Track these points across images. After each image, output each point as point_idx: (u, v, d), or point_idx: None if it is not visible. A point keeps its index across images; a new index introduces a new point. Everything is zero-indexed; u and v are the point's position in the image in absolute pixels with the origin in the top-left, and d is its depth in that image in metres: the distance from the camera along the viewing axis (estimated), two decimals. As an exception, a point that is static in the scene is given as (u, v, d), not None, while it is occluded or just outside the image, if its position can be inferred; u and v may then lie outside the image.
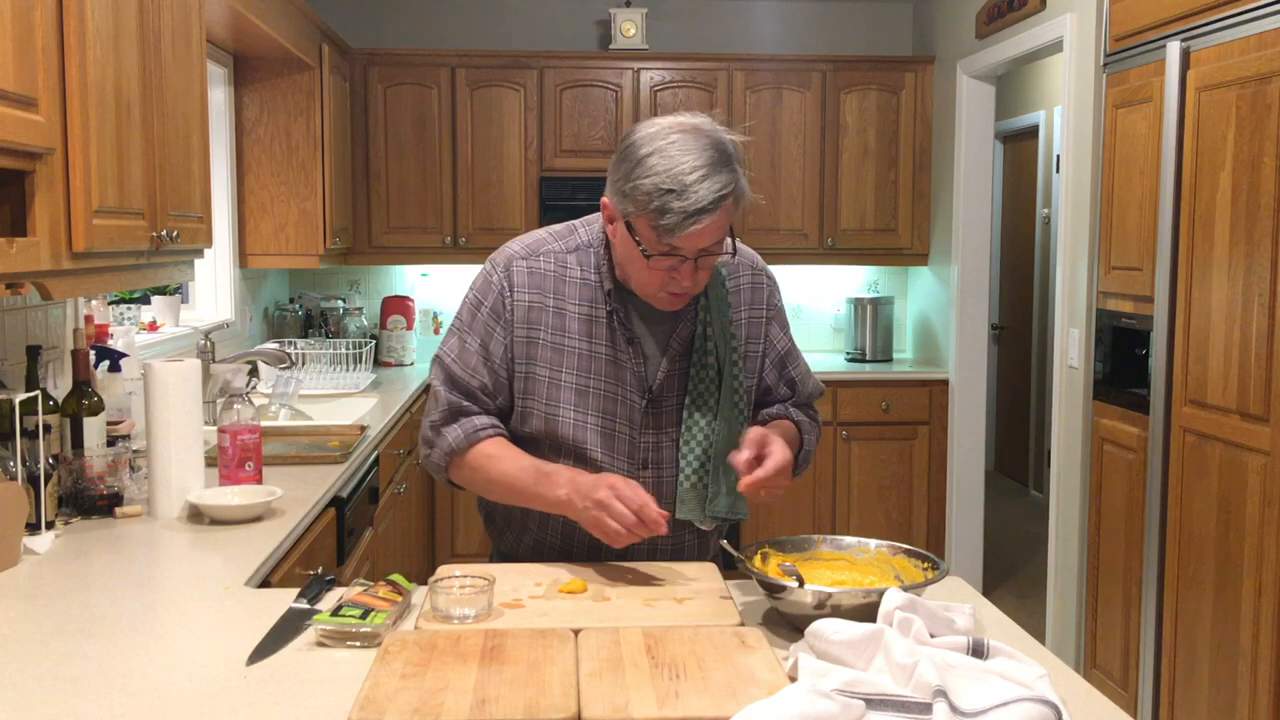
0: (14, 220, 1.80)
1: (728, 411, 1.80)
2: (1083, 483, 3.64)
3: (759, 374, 1.91)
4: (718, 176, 1.60)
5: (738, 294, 1.86)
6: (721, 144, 1.63)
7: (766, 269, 1.94)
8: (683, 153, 1.60)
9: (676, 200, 1.58)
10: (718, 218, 1.61)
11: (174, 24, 2.42)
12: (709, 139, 1.62)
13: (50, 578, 1.84)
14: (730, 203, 1.63)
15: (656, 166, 1.60)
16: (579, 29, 5.38)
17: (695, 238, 1.61)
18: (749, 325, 1.88)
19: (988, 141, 4.91)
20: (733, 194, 1.62)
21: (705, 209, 1.59)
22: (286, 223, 4.22)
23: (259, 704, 1.31)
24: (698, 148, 1.60)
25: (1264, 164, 2.64)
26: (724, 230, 1.66)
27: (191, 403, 2.25)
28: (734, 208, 1.65)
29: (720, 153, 1.62)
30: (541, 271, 1.79)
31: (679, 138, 1.61)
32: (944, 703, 1.20)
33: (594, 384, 1.78)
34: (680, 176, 1.58)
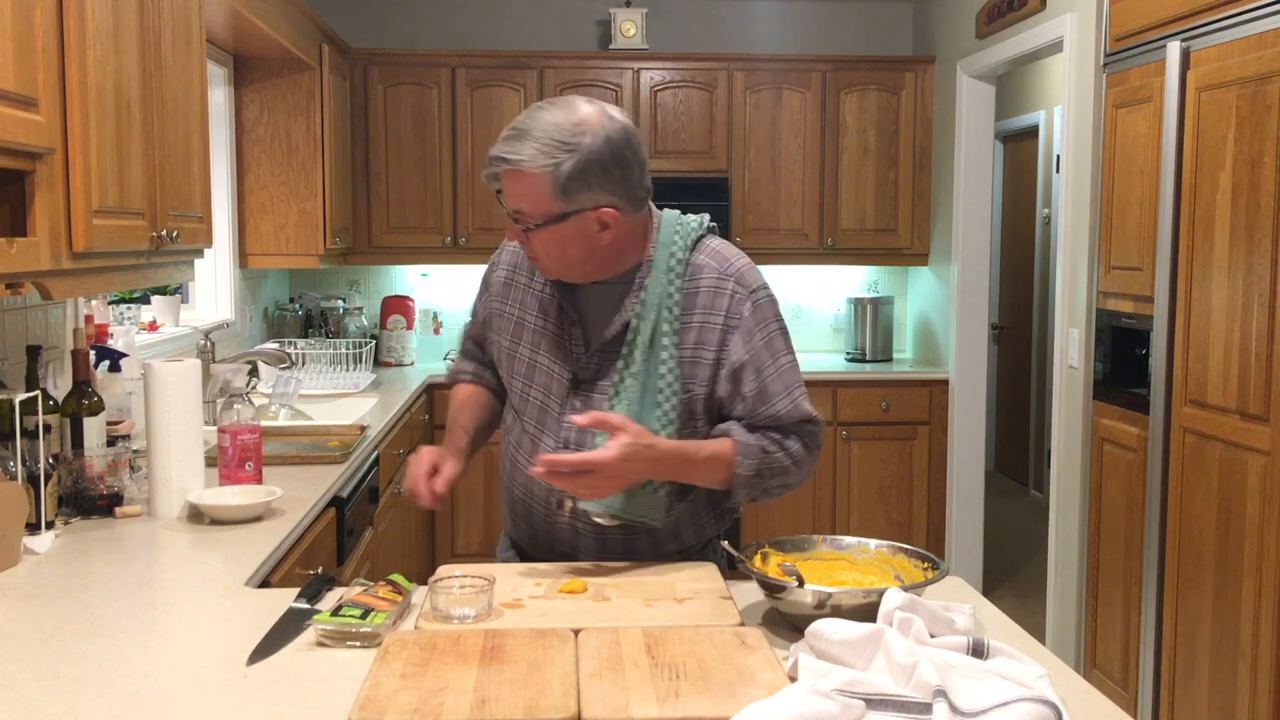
0: (14, 220, 1.80)
1: (646, 412, 1.77)
2: (1083, 483, 3.64)
3: (711, 383, 1.81)
4: (519, 143, 1.67)
5: (694, 296, 1.80)
6: (566, 131, 1.67)
7: (745, 277, 1.82)
8: (529, 115, 1.71)
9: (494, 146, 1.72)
10: (508, 178, 1.69)
11: (174, 24, 2.42)
12: (564, 119, 1.68)
13: (50, 578, 1.84)
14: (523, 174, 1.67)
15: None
16: (579, 29, 5.38)
17: (503, 191, 1.72)
18: (701, 330, 1.79)
19: (988, 141, 4.91)
20: (520, 165, 1.67)
21: (491, 160, 1.70)
22: (286, 223, 4.22)
23: (259, 704, 1.31)
24: (542, 118, 1.69)
25: (1264, 164, 2.64)
26: (524, 200, 1.70)
27: (191, 403, 2.25)
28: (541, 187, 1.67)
29: (552, 134, 1.67)
30: (521, 252, 1.91)
31: (548, 105, 1.72)
32: (944, 703, 1.20)
33: (540, 359, 1.87)
34: (507, 127, 1.72)
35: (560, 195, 1.68)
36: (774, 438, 1.81)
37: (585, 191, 1.70)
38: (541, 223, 1.71)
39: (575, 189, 1.69)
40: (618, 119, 1.74)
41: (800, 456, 1.84)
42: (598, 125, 1.69)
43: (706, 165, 5.09)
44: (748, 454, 1.78)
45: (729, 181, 5.07)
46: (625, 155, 1.73)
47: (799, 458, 1.83)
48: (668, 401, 1.78)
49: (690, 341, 1.79)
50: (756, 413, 1.80)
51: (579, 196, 1.70)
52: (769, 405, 1.81)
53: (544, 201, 1.69)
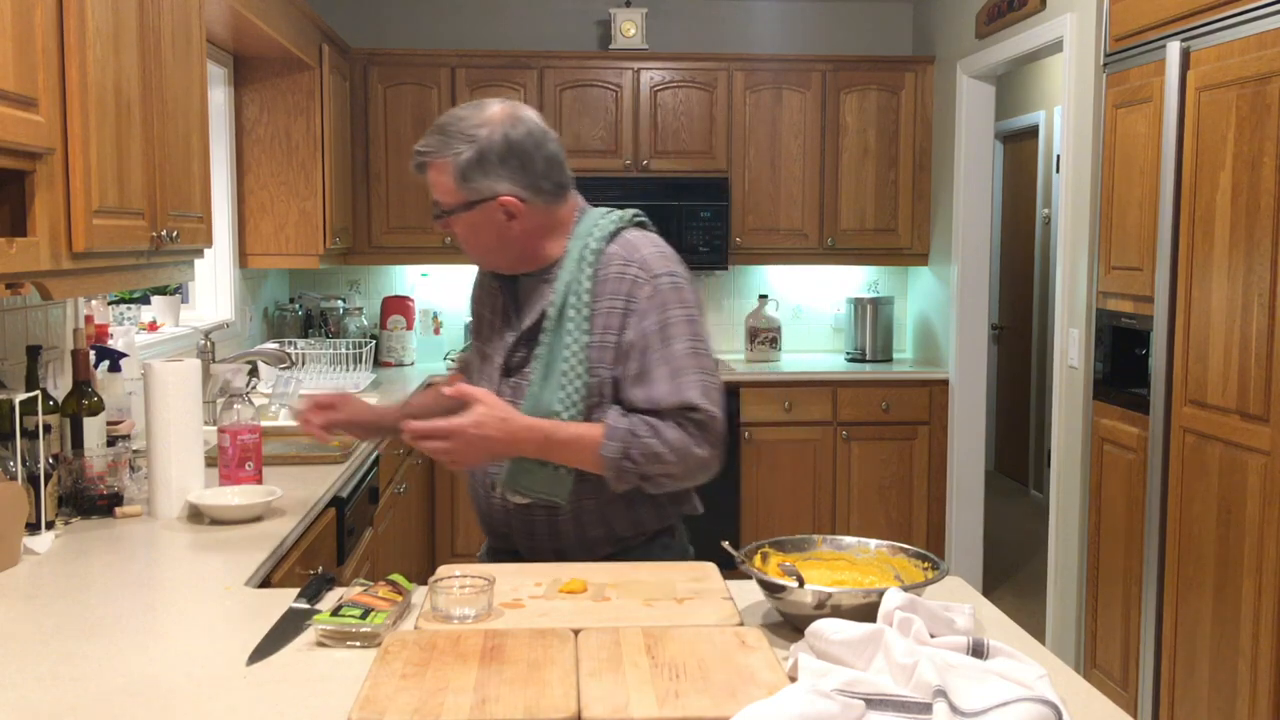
0: (14, 220, 1.80)
1: (549, 393, 1.85)
2: (1083, 483, 3.64)
3: (614, 366, 1.86)
4: (426, 139, 1.86)
5: (604, 283, 1.86)
6: (467, 123, 1.84)
7: (650, 264, 1.87)
8: (444, 116, 1.88)
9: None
10: (426, 171, 1.86)
11: (174, 24, 2.42)
12: (469, 115, 1.85)
13: (50, 578, 1.84)
14: (433, 165, 1.84)
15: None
16: (579, 29, 5.38)
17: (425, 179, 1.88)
18: (607, 315, 1.85)
19: (988, 141, 4.91)
20: (429, 156, 1.85)
21: (413, 155, 1.89)
22: (286, 223, 4.22)
23: (259, 704, 1.31)
24: (449, 116, 1.87)
25: (1264, 164, 2.64)
26: (439, 190, 1.86)
27: (191, 403, 2.25)
28: (447, 175, 1.84)
29: (454, 126, 1.84)
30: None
31: (465, 104, 1.90)
32: (944, 703, 1.20)
33: (487, 349, 2.02)
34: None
35: (462, 183, 1.84)
36: (650, 423, 1.81)
37: (484, 179, 1.84)
38: (451, 210, 1.87)
39: (474, 176, 1.84)
40: (523, 117, 1.87)
41: (678, 444, 1.80)
42: (499, 121, 1.84)
43: (706, 165, 5.09)
44: (613, 436, 1.80)
45: (729, 181, 5.07)
46: (525, 148, 1.85)
47: (676, 445, 1.80)
48: (571, 384, 1.84)
49: (599, 326, 1.86)
50: (635, 393, 1.83)
51: (479, 184, 1.84)
52: (648, 387, 1.82)
53: (450, 190, 1.85)
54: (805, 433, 4.90)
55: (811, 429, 4.90)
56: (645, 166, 5.05)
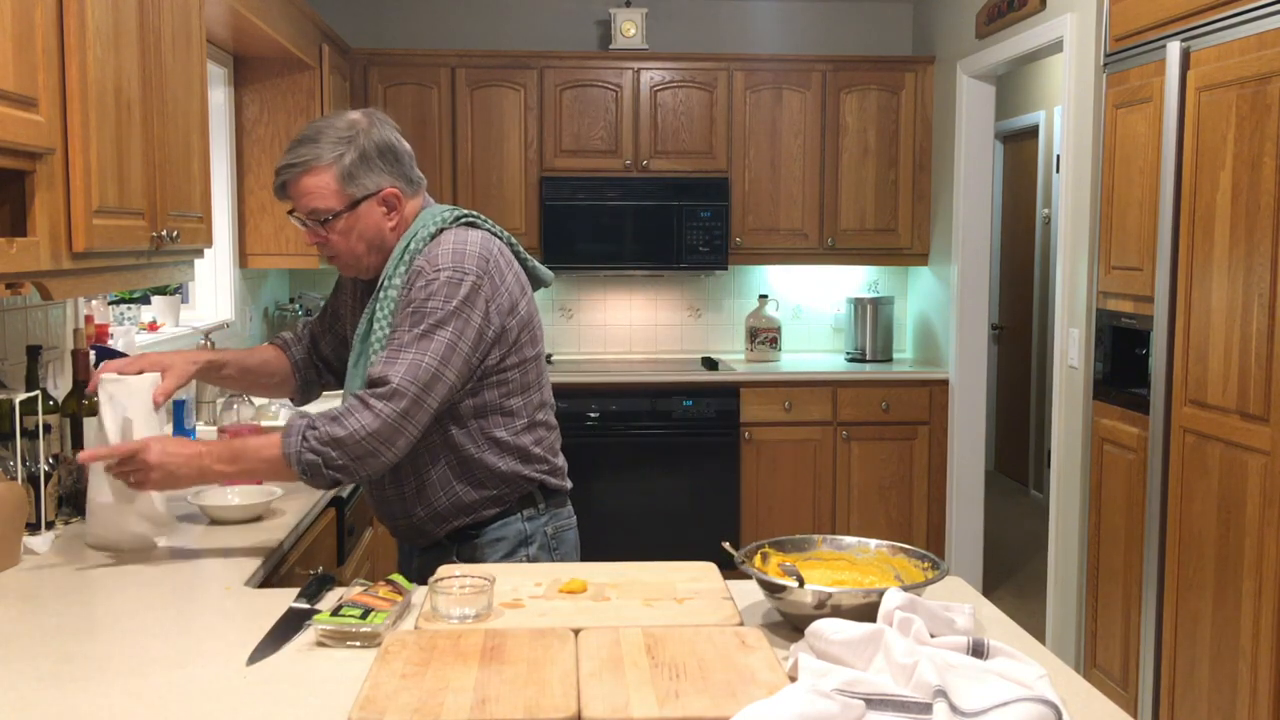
0: (14, 220, 1.80)
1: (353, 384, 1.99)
2: (1083, 483, 3.64)
3: None
4: (297, 148, 1.92)
5: (411, 276, 1.93)
6: (338, 129, 1.92)
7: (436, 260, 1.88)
8: (301, 131, 1.95)
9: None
10: (298, 183, 1.92)
11: (174, 24, 2.42)
12: (328, 121, 1.94)
13: (50, 578, 1.84)
14: (308, 172, 1.91)
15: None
16: (579, 29, 5.38)
17: (292, 201, 1.95)
18: (396, 305, 1.94)
19: (988, 141, 4.91)
20: (303, 164, 1.90)
21: (278, 170, 1.94)
22: (286, 223, 4.21)
23: (259, 704, 1.31)
24: (309, 129, 1.94)
25: (1264, 164, 2.64)
26: (316, 198, 1.92)
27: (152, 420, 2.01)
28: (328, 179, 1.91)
29: (321, 131, 1.92)
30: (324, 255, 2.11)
31: (315, 120, 1.99)
32: (944, 703, 1.20)
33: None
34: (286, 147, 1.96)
35: (348, 183, 1.92)
36: (333, 412, 1.82)
37: (369, 175, 1.93)
38: (336, 213, 1.92)
39: (359, 174, 1.92)
40: (383, 117, 2.00)
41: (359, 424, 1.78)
42: (366, 123, 1.94)
43: (706, 165, 5.09)
44: (289, 432, 1.81)
45: (729, 181, 5.07)
46: (393, 144, 1.98)
47: (355, 425, 1.78)
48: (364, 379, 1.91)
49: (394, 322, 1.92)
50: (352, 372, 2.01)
51: (364, 181, 1.93)
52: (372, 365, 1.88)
53: (333, 195, 1.92)
54: (805, 433, 4.91)
55: (811, 429, 4.90)
56: (645, 166, 5.05)
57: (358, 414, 1.79)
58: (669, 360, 5.32)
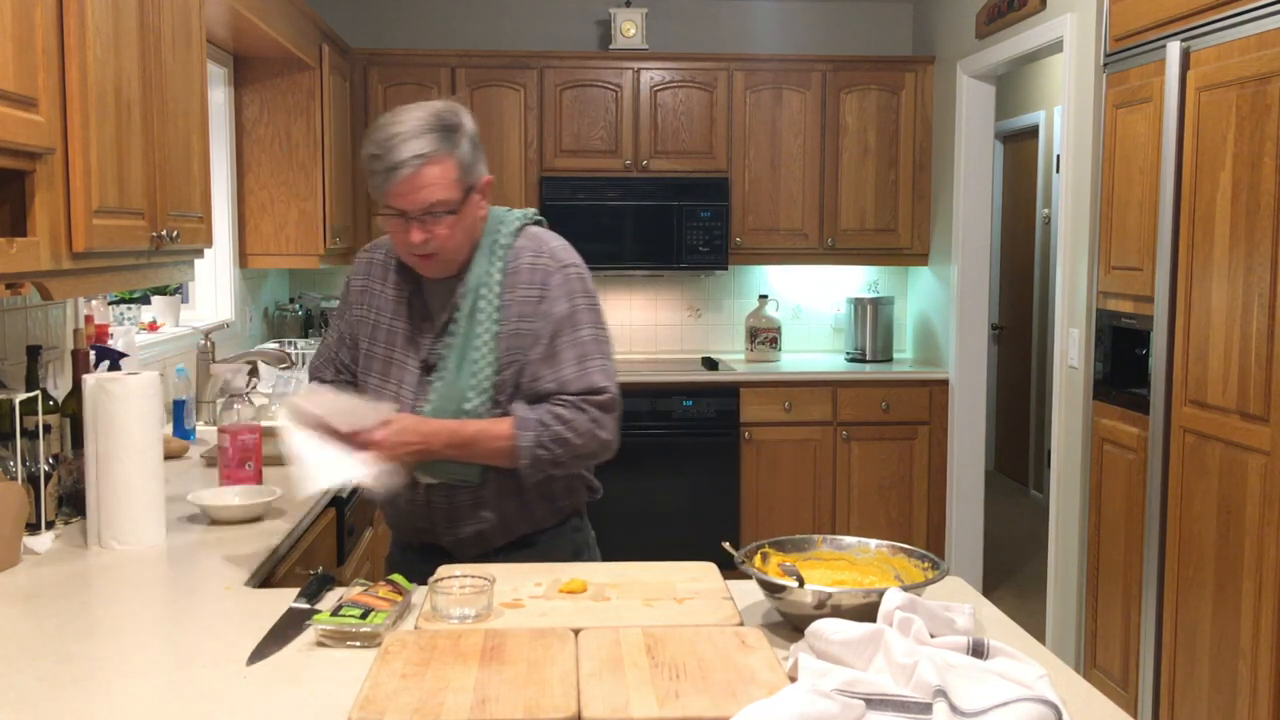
0: (14, 220, 1.80)
1: (455, 380, 1.91)
2: (1083, 483, 3.64)
3: (528, 352, 1.92)
4: (418, 140, 1.81)
5: (515, 274, 1.93)
6: (437, 115, 1.84)
7: (558, 255, 1.96)
8: (394, 123, 1.83)
9: (380, 163, 1.82)
10: (420, 175, 1.81)
11: (174, 24, 2.42)
12: (428, 112, 1.85)
13: (50, 578, 1.84)
14: (436, 163, 1.81)
15: (374, 136, 1.85)
16: (579, 29, 5.38)
17: (404, 196, 1.82)
18: (523, 303, 1.92)
19: (988, 141, 4.91)
20: (433, 155, 1.81)
21: (399, 165, 1.80)
22: (286, 223, 4.22)
23: (259, 704, 1.31)
24: (412, 119, 1.83)
25: (1264, 164, 2.64)
26: (441, 190, 1.83)
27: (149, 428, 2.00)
28: (449, 171, 1.83)
29: (433, 123, 1.83)
30: (373, 260, 2.06)
31: (402, 114, 1.85)
32: (944, 703, 1.20)
33: (394, 355, 1.99)
34: (384, 141, 1.82)
35: (466, 172, 1.87)
36: (554, 412, 1.88)
37: (477, 164, 1.89)
38: (456, 206, 1.86)
39: (471, 163, 1.88)
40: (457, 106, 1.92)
41: (584, 428, 1.89)
42: (458, 109, 1.89)
43: (706, 165, 5.09)
44: (524, 426, 1.87)
45: (729, 181, 5.07)
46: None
47: (581, 428, 1.89)
48: (481, 372, 1.90)
49: (513, 315, 1.92)
50: (542, 376, 1.91)
51: (474, 170, 1.89)
52: (556, 369, 1.90)
53: (454, 185, 1.85)
54: (805, 433, 4.91)
55: (811, 429, 4.90)
56: (645, 166, 5.05)
57: (584, 420, 1.89)
58: (669, 360, 5.32)
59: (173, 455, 2.72)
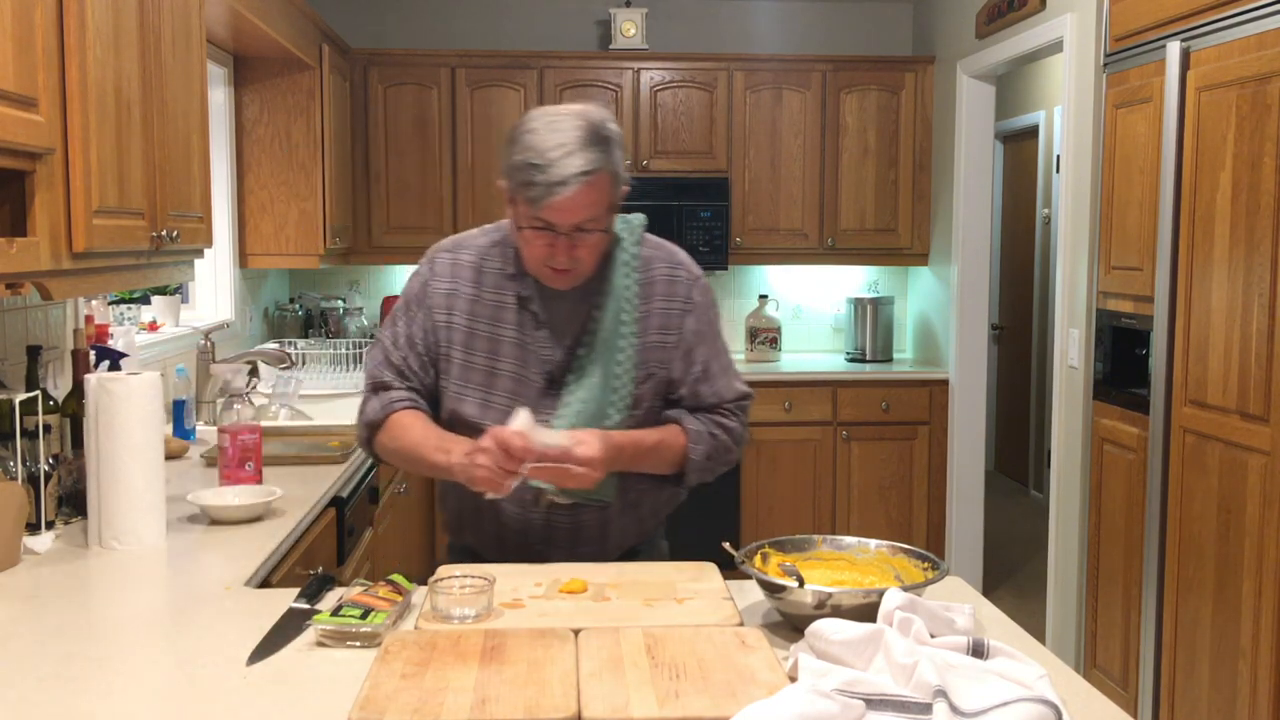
0: (14, 220, 1.80)
1: (598, 393, 1.84)
2: (1083, 483, 3.64)
3: (670, 364, 1.90)
4: (584, 153, 1.69)
5: (650, 285, 1.89)
6: (596, 127, 1.72)
7: (690, 265, 1.95)
8: (555, 131, 1.70)
9: (540, 174, 1.69)
10: (581, 192, 1.69)
11: (174, 24, 2.42)
12: (585, 121, 1.72)
13: (50, 578, 1.84)
14: (594, 181, 1.70)
15: (531, 143, 1.71)
16: (579, 29, 5.38)
17: (561, 211, 1.70)
18: (664, 315, 1.89)
19: (988, 141, 4.91)
20: (596, 172, 1.69)
21: (564, 182, 1.68)
22: (286, 223, 4.22)
23: (259, 704, 1.31)
24: (572, 128, 1.71)
25: (1264, 164, 2.64)
26: (597, 207, 1.73)
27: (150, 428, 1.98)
28: (606, 188, 1.73)
29: (594, 134, 1.71)
30: (461, 262, 1.92)
31: (558, 119, 1.72)
32: (944, 703, 1.20)
33: (501, 365, 1.87)
34: (545, 152, 1.69)
35: (616, 189, 1.77)
36: (719, 421, 1.91)
37: (623, 175, 1.79)
38: (608, 224, 1.78)
39: (623, 176, 1.78)
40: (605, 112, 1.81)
41: (739, 434, 1.95)
42: (607, 116, 1.78)
43: (706, 165, 5.09)
44: (698, 439, 1.88)
45: (729, 181, 5.07)
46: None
47: (738, 435, 1.95)
48: (624, 387, 1.86)
49: (654, 327, 1.88)
50: (699, 391, 1.90)
51: (622, 184, 1.79)
52: (712, 384, 1.92)
53: (609, 201, 1.76)
54: (805, 433, 4.91)
55: (811, 429, 4.90)
56: (645, 167, 5.05)
57: (740, 427, 1.94)
58: (669, 360, 5.31)
59: (173, 455, 2.72)
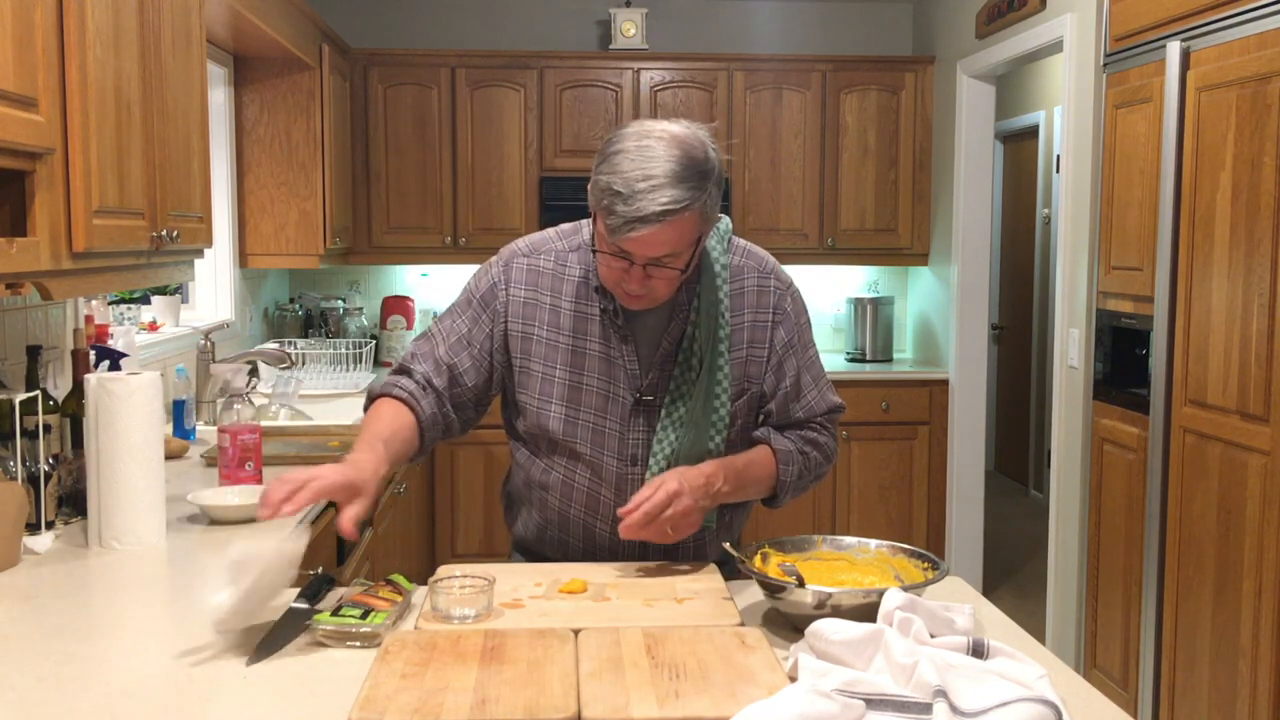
0: (14, 220, 1.80)
1: (700, 416, 1.79)
2: (1083, 483, 3.64)
3: (763, 379, 1.85)
4: (671, 190, 1.57)
5: (740, 297, 1.82)
6: (695, 159, 1.60)
7: (780, 273, 1.87)
8: (646, 159, 1.59)
9: (622, 204, 1.58)
10: (664, 230, 1.59)
11: (174, 24, 2.42)
12: (683, 150, 1.60)
13: (50, 578, 1.84)
14: (682, 218, 1.59)
15: (618, 166, 1.60)
16: (579, 29, 5.38)
17: (640, 244, 1.61)
18: (753, 329, 1.83)
19: (988, 141, 4.91)
20: (684, 210, 1.58)
21: (645, 219, 1.57)
22: (286, 223, 4.22)
23: (259, 704, 1.31)
24: (666, 157, 1.59)
25: (1264, 164, 2.64)
26: (679, 243, 1.63)
27: (150, 428, 1.97)
28: (692, 226, 1.62)
29: (689, 167, 1.59)
30: (540, 269, 1.83)
31: (652, 143, 1.60)
32: (944, 703, 1.20)
33: (586, 380, 1.80)
34: (632, 182, 1.58)
35: (705, 224, 1.66)
36: (808, 437, 1.88)
37: (717, 209, 1.69)
38: (688, 263, 1.67)
39: (713, 211, 1.67)
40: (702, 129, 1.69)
41: (830, 449, 1.92)
42: (706, 140, 1.65)
43: (706, 165, 5.08)
44: (789, 461, 1.85)
45: (729, 181, 5.07)
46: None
47: (829, 450, 1.92)
48: (723, 406, 1.80)
49: (744, 340, 1.83)
50: (789, 406, 1.87)
51: (713, 217, 1.69)
52: (803, 400, 1.88)
53: (692, 237, 1.65)
54: (805, 433, 4.90)
55: (811, 429, 4.89)
56: (645, 166, 5.04)
57: (832, 441, 1.91)
58: (669, 360, 5.31)
59: (173, 455, 2.72)
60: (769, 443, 1.85)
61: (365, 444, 1.69)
